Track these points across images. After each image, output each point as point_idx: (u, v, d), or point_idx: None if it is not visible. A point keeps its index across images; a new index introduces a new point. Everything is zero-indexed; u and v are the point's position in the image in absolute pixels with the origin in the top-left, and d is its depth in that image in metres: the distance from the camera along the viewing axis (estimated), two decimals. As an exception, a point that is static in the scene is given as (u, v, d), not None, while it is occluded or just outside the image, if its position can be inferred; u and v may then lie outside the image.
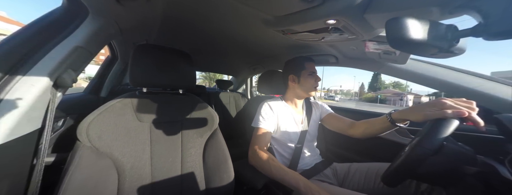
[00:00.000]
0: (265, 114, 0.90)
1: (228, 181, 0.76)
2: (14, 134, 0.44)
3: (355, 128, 0.87)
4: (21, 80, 0.45)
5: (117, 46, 1.26)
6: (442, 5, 0.46)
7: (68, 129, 1.01)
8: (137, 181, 0.62)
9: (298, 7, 0.60)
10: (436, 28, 0.40)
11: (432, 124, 0.52)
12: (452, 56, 0.46)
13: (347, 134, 0.90)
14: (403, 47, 0.42)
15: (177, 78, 0.75)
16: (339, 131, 0.95)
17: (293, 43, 1.02)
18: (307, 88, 0.93)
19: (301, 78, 0.93)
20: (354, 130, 0.87)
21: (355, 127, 0.87)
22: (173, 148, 0.72)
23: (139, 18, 0.76)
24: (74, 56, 0.54)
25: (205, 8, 0.69)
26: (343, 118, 0.96)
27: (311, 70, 0.94)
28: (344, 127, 0.92)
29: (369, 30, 0.66)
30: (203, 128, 0.79)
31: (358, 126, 0.86)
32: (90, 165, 0.55)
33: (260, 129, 0.87)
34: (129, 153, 0.62)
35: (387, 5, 0.52)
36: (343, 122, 0.94)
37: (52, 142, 0.85)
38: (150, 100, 0.72)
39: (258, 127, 0.88)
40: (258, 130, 0.87)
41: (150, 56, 0.70)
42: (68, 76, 0.53)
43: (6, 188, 0.44)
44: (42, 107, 0.50)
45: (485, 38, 0.37)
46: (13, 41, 0.48)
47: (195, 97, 0.85)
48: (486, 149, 0.54)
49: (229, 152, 0.81)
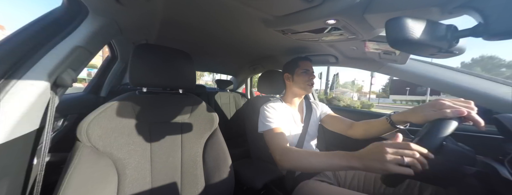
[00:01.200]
0: (270, 114, 0.88)
1: (228, 181, 0.76)
2: (14, 134, 0.44)
3: (354, 129, 0.88)
4: (21, 80, 0.45)
5: (117, 46, 1.26)
6: (442, 5, 0.46)
7: (68, 129, 1.01)
8: (137, 181, 0.62)
9: (298, 7, 0.60)
10: (436, 28, 0.40)
11: (431, 124, 0.52)
12: (452, 56, 0.46)
13: (347, 135, 0.91)
14: (403, 47, 0.42)
15: (177, 78, 0.75)
16: (339, 131, 0.95)
17: (293, 43, 1.02)
18: (301, 85, 0.95)
19: (295, 76, 0.96)
20: (353, 131, 0.88)
21: (355, 128, 0.88)
22: (173, 148, 0.72)
23: (139, 18, 0.76)
24: (74, 56, 0.54)
25: (205, 8, 0.69)
26: (343, 118, 0.97)
27: (304, 67, 0.95)
28: (344, 127, 0.92)
29: (369, 30, 0.66)
30: (203, 128, 0.79)
31: (358, 127, 0.86)
32: (90, 165, 0.55)
33: (273, 129, 0.83)
34: (129, 153, 0.62)
35: (387, 5, 0.52)
36: (343, 123, 0.95)
37: (52, 142, 0.85)
38: (150, 100, 0.72)
39: (271, 128, 0.83)
40: (272, 131, 0.82)
41: (150, 56, 0.70)
42: (68, 75, 0.53)
43: (6, 188, 0.44)
44: (42, 106, 0.50)
45: (485, 38, 0.37)
46: (13, 41, 0.48)
47: (195, 97, 0.84)
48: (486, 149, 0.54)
49: (229, 152, 0.81)
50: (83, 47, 0.57)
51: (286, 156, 0.69)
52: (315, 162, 0.61)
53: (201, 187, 0.73)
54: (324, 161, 0.60)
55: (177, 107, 0.77)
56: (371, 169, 0.50)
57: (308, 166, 0.63)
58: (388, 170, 0.46)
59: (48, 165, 0.50)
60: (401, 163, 0.45)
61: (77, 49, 0.55)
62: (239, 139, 1.85)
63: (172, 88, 0.80)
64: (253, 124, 0.98)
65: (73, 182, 0.50)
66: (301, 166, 0.65)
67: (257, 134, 0.91)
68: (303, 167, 0.65)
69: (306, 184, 0.80)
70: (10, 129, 0.43)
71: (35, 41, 0.50)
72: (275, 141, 0.78)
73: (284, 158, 0.69)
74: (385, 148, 0.47)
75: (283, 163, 0.69)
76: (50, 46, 0.51)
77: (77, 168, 0.52)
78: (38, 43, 0.50)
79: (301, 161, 0.65)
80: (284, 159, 0.69)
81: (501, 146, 0.52)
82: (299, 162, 0.65)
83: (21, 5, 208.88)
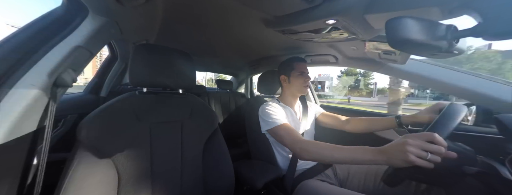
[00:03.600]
0: (273, 112, 0.88)
1: (228, 181, 0.76)
2: (14, 134, 0.44)
3: (353, 124, 0.98)
4: (21, 80, 0.45)
5: (117, 46, 1.26)
6: (442, 5, 0.46)
7: (68, 129, 1.01)
8: (137, 181, 0.62)
9: (298, 7, 0.60)
10: (436, 28, 0.40)
11: (440, 114, 0.52)
12: (452, 56, 0.46)
13: (344, 129, 1.00)
14: (403, 47, 0.42)
15: (177, 78, 0.75)
16: (336, 127, 1.04)
17: (293, 43, 1.02)
18: (297, 88, 0.98)
19: (291, 78, 0.98)
20: (352, 126, 0.98)
21: (353, 123, 0.98)
22: (173, 148, 0.71)
23: (139, 18, 0.75)
24: (74, 56, 0.54)
25: (205, 8, 0.69)
26: (336, 115, 1.05)
27: (300, 70, 0.97)
28: (340, 123, 1.02)
29: (369, 30, 0.66)
30: (203, 128, 0.79)
31: (358, 123, 0.96)
32: (90, 165, 0.55)
33: (282, 125, 0.83)
34: (129, 153, 0.62)
35: (387, 5, 0.52)
36: (338, 119, 1.04)
37: (52, 142, 0.85)
38: (150, 100, 0.72)
39: (280, 124, 0.83)
40: (282, 127, 0.82)
41: (150, 56, 0.70)
42: (68, 76, 0.53)
43: (6, 188, 0.44)
44: (42, 106, 0.50)
45: (485, 38, 0.37)
46: (13, 41, 0.48)
47: (195, 97, 0.84)
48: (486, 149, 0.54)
49: (229, 152, 0.81)
50: (83, 47, 0.57)
51: (308, 148, 0.69)
52: (338, 156, 0.62)
53: (201, 187, 0.73)
54: (346, 155, 0.60)
55: (177, 107, 0.77)
56: (394, 162, 0.50)
57: (330, 159, 0.64)
58: (411, 163, 0.46)
59: (48, 165, 0.50)
60: (424, 157, 0.45)
61: (77, 49, 0.55)
62: (239, 139, 1.84)
63: (172, 88, 0.80)
64: (253, 124, 0.98)
65: (73, 182, 0.50)
66: (323, 158, 0.66)
67: (258, 134, 0.91)
68: (325, 159, 0.66)
69: (306, 184, 0.80)
70: (10, 129, 0.43)
71: (35, 41, 0.50)
72: (290, 134, 0.78)
73: (305, 149, 0.70)
74: (412, 142, 0.47)
75: (303, 154, 0.70)
76: (50, 46, 0.51)
77: (77, 168, 0.52)
78: (38, 43, 0.50)
79: (323, 154, 0.65)
80: (306, 150, 0.69)
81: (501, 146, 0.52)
82: (321, 154, 0.66)
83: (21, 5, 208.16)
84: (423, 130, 0.58)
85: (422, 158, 0.45)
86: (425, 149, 0.45)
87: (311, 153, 0.68)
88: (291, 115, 0.98)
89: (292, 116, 0.98)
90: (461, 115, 0.49)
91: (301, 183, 0.82)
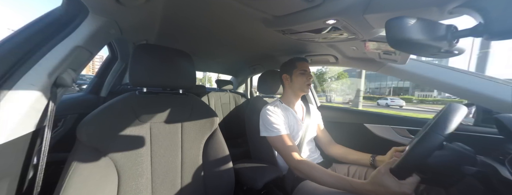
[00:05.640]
0: (275, 120, 0.87)
1: (228, 181, 0.76)
2: (14, 134, 0.44)
3: (333, 149, 1.03)
4: (21, 80, 0.45)
5: (117, 46, 1.25)
6: (442, 5, 0.46)
7: (68, 129, 1.01)
8: (137, 181, 0.62)
9: (298, 7, 0.60)
10: (436, 28, 0.40)
11: (440, 114, 0.52)
12: (452, 56, 0.46)
13: (324, 150, 1.06)
14: (403, 47, 0.42)
15: (177, 78, 0.75)
16: (319, 144, 1.08)
17: (293, 43, 1.02)
18: (299, 86, 0.98)
19: (293, 77, 0.98)
20: (332, 150, 1.03)
21: (334, 148, 1.03)
22: (173, 148, 0.71)
23: (139, 18, 0.75)
24: (74, 56, 0.54)
25: (205, 8, 0.69)
26: (327, 134, 1.10)
27: (302, 68, 0.97)
28: (325, 142, 1.06)
29: (369, 30, 0.66)
30: (203, 128, 0.79)
31: (337, 149, 1.01)
32: (90, 165, 0.55)
33: (282, 136, 0.83)
34: (129, 153, 0.62)
35: (387, 5, 0.52)
36: (325, 138, 1.08)
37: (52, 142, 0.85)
38: (150, 100, 0.72)
39: (279, 135, 0.83)
40: (281, 138, 0.83)
41: (150, 56, 0.70)
42: (68, 76, 0.53)
43: (6, 188, 0.44)
44: (42, 106, 0.50)
45: (485, 38, 0.37)
46: (13, 41, 0.48)
47: (195, 97, 0.84)
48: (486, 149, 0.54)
49: (229, 152, 0.81)
50: (83, 47, 0.57)
51: (302, 167, 0.74)
52: (328, 181, 0.67)
53: (201, 187, 0.73)
54: (336, 183, 0.65)
55: (177, 107, 0.77)
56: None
57: (320, 181, 0.69)
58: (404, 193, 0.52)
59: (48, 165, 0.50)
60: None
61: (77, 49, 0.55)
62: (239, 139, 1.84)
63: (172, 88, 0.80)
64: (253, 125, 0.98)
65: (73, 182, 0.50)
66: (314, 179, 0.70)
67: (258, 134, 0.91)
68: (316, 180, 0.70)
69: (306, 184, 0.81)
70: (10, 129, 0.43)
71: (35, 41, 0.50)
72: (287, 149, 0.81)
73: (299, 168, 0.75)
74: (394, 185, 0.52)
75: (297, 172, 0.76)
76: (50, 46, 0.51)
77: (77, 168, 0.52)
78: (38, 43, 0.50)
79: (314, 176, 0.70)
80: (300, 169, 0.74)
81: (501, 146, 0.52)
82: (313, 176, 0.70)
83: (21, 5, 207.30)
84: (423, 130, 0.57)
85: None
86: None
87: (304, 172, 0.73)
88: (294, 117, 0.97)
89: (294, 117, 0.97)
90: (461, 115, 0.48)
91: (301, 183, 0.82)
